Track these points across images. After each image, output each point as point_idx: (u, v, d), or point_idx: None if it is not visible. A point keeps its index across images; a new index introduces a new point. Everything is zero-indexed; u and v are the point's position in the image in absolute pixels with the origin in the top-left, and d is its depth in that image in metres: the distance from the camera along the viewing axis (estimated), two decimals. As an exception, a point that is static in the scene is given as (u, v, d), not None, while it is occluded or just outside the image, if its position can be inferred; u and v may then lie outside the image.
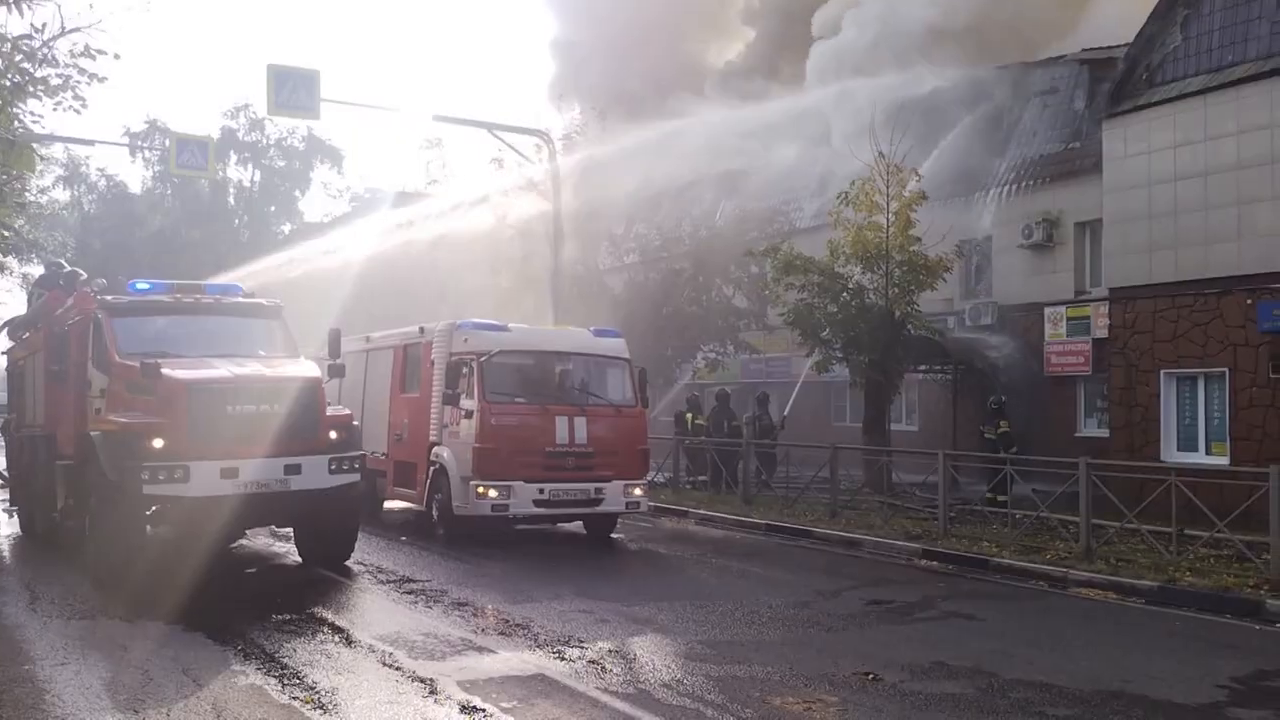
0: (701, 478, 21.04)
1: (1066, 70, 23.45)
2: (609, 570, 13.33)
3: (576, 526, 15.78)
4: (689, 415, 22.54)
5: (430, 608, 10.24)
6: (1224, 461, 16.88)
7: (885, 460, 18.69)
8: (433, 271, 29.07)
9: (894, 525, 15.63)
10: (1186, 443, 18.01)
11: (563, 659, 8.26)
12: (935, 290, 20.72)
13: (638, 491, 15.04)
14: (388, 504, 17.28)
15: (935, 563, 13.47)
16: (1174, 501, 12.35)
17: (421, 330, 16.11)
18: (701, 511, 18.15)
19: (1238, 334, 17.03)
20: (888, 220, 19.40)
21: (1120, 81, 18.99)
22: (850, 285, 20.05)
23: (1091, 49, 22.55)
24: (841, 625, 9.76)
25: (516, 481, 14.03)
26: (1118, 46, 20.16)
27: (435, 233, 28.36)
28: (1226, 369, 17.20)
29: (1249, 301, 16.83)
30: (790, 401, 25.42)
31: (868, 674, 7.84)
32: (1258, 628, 9.92)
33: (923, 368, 24.40)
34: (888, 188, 19.30)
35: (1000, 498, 16.19)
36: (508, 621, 9.60)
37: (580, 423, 14.49)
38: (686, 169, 24.19)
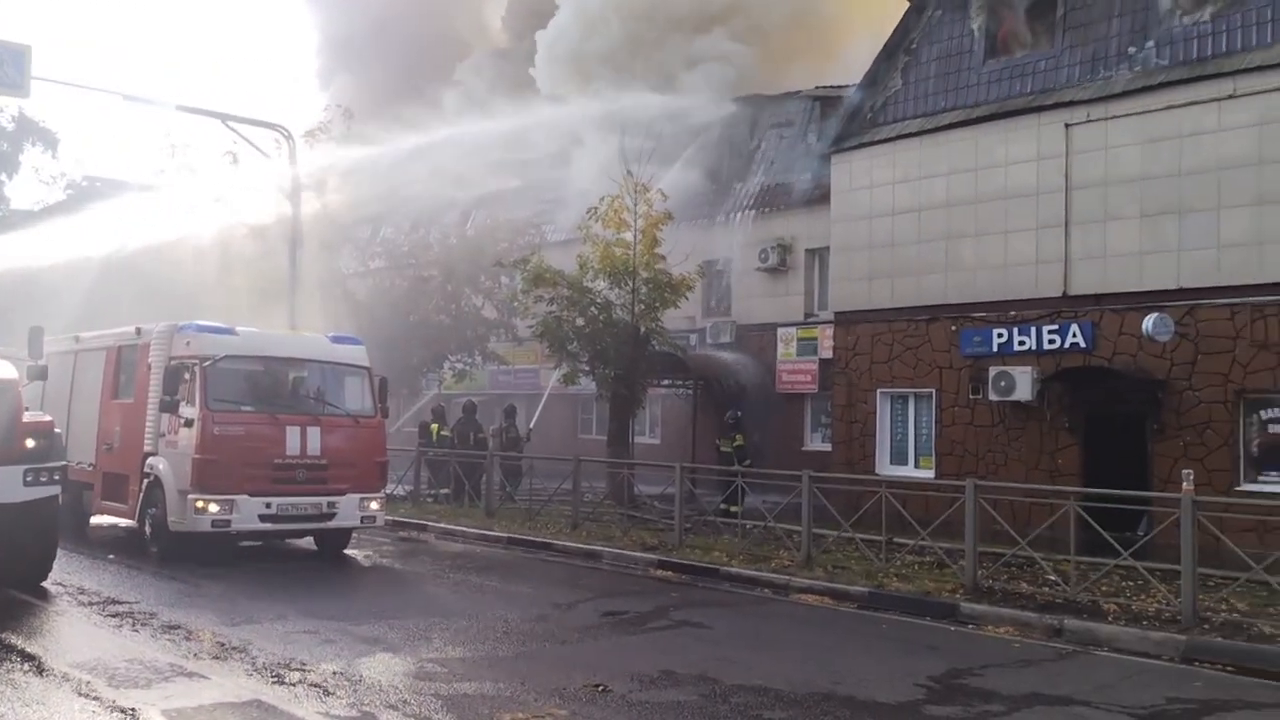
0: (444, 491, 20.68)
1: (801, 105, 24.91)
2: (339, 588, 12.81)
3: (308, 542, 15.11)
4: (434, 426, 22.14)
5: (137, 631, 9.47)
6: (930, 475, 18.35)
7: (627, 473, 19.07)
8: (177, 270, 26.97)
9: (633, 537, 15.94)
10: (898, 457, 19.43)
11: (282, 683, 7.84)
12: (679, 308, 21.41)
13: (374, 505, 14.58)
14: (95, 519, 15.90)
15: (670, 573, 13.82)
16: (884, 512, 13.26)
17: (138, 331, 14.94)
18: (442, 525, 17.83)
19: (944, 358, 18.56)
20: (635, 238, 19.87)
21: (847, 119, 20.34)
22: (598, 300, 20.37)
23: (824, 87, 24.06)
24: (576, 638, 9.82)
25: (240, 495, 13.26)
26: (846, 86, 21.59)
27: (167, 229, 26.39)
28: (934, 389, 18.71)
29: (953, 328, 18.40)
30: (537, 413, 25.52)
31: (598, 685, 7.90)
32: (953, 629, 10.78)
33: (666, 382, 25.14)
34: (635, 206, 19.78)
35: (733, 509, 16.87)
36: (224, 645, 9.01)
37: (314, 433, 13.88)
38: (435, 179, 23.81)
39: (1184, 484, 11.88)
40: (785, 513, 14.94)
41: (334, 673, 8.17)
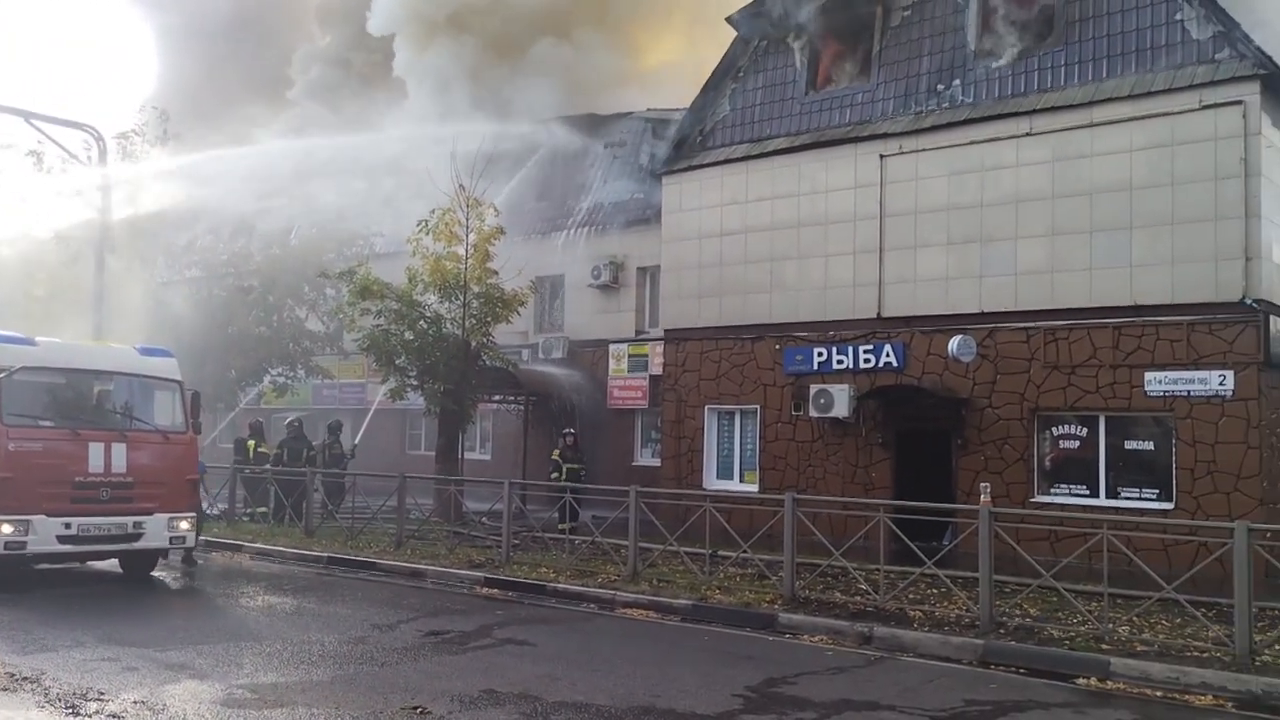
0: (262, 510, 19.91)
1: (634, 125, 25.30)
2: (144, 613, 12.15)
3: (114, 564, 14.29)
4: (251, 442, 21.27)
5: (-89, 666, 8.75)
6: (754, 489, 18.89)
7: (454, 489, 18.84)
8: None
9: (459, 554, 15.77)
10: (725, 472, 19.92)
11: (78, 714, 7.39)
12: (510, 323, 21.37)
13: (184, 525, 13.94)
14: None
15: (497, 590, 13.74)
16: (708, 525, 13.57)
17: (-76, 341, 13.82)
18: (258, 546, 17.18)
19: (768, 375, 19.16)
20: (466, 252, 19.72)
21: (678, 142, 20.81)
22: (428, 314, 20.11)
23: (656, 109, 24.52)
24: (396, 659, 9.63)
25: (37, 515, 12.45)
26: (678, 110, 22.07)
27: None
28: (759, 406, 19.28)
29: (777, 347, 19.03)
30: (362, 429, 24.93)
31: (416, 708, 7.78)
32: (772, 639, 11.12)
33: (497, 398, 24.99)
34: (468, 220, 19.64)
35: (567, 524, 16.89)
36: (13, 675, 8.42)
37: (119, 450, 13.18)
38: (257, 187, 23.02)
39: (982, 496, 12.65)
40: (613, 527, 15.08)
41: (135, 702, 7.76)
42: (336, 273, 21.77)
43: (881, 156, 17.92)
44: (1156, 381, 15.24)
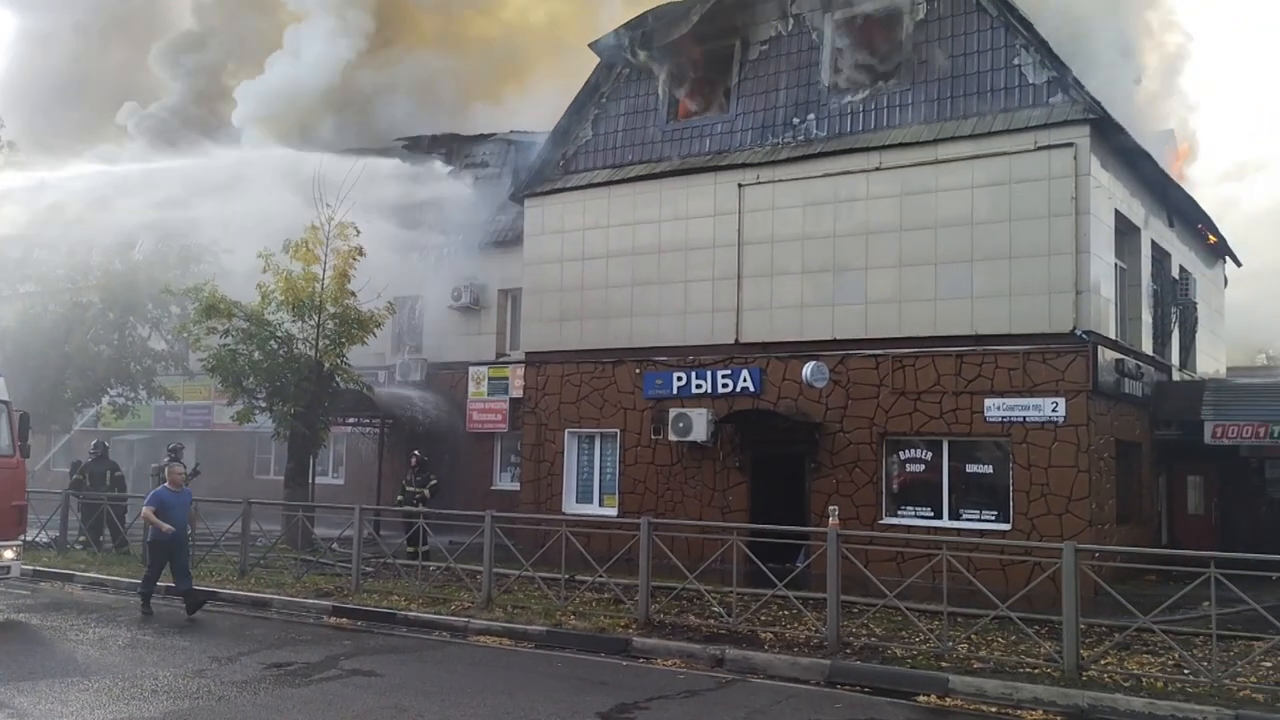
0: (83, 538, 18.82)
1: (496, 147, 25.19)
2: (-41, 649, 11.32)
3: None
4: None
5: None
6: (614, 513, 18.91)
7: (302, 515, 18.23)
8: None
9: (306, 583, 15.25)
10: (584, 495, 19.90)
11: None
12: (366, 344, 20.85)
13: (9, 554, 13.11)
14: None
15: (345, 620, 13.32)
16: (565, 550, 13.48)
17: None
18: (92, 575, 16.26)
19: (628, 399, 19.26)
20: (324, 271, 19.20)
21: (540, 165, 20.82)
22: (279, 333, 19.46)
23: (519, 131, 24.47)
24: (235, 693, 9.22)
25: None
26: (541, 133, 22.08)
27: None
28: (619, 430, 19.34)
29: (637, 371, 19.15)
30: (194, 458, 23.90)
31: (253, 744, 7.46)
32: (625, 663, 11.10)
33: (351, 420, 24.37)
34: (327, 240, 19.14)
35: (412, 549, 16.52)
36: None
37: (-64, 474, 12.29)
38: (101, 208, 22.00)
39: (830, 519, 12.96)
40: (469, 553, 14.83)
41: (-62, 749, 7.21)
42: (182, 290, 20.88)
43: (740, 186, 18.31)
44: (995, 408, 15.96)
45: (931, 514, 16.50)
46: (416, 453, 19.44)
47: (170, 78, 32.20)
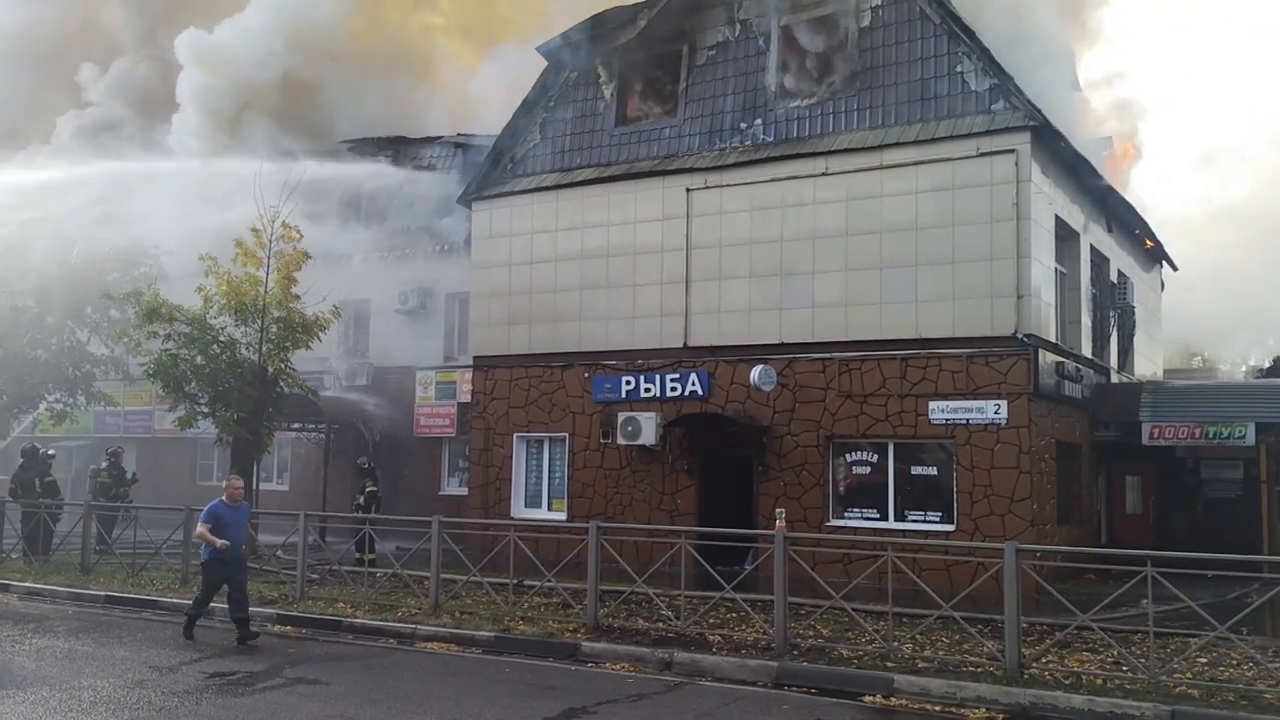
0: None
1: (443, 150, 25.04)
2: (-113, 664, 10.99)
3: None
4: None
5: None
6: (563, 517, 18.86)
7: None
8: None
9: (251, 590, 14.97)
10: (533, 500, 19.83)
11: None
12: (310, 349, 20.57)
13: (-62, 565, 12.72)
14: None
15: (290, 627, 13.15)
16: (513, 555, 13.42)
17: None
18: (28, 584, 15.91)
19: (577, 403, 19.22)
20: (267, 275, 18.93)
21: (488, 168, 20.71)
22: (222, 338, 19.15)
23: (466, 134, 24.35)
24: (176, 704, 9.05)
25: None
26: (488, 136, 21.98)
27: None
28: (567, 434, 19.30)
29: (586, 375, 19.13)
30: (134, 464, 23.47)
31: (193, 756, 7.33)
32: (574, 668, 11.07)
33: (296, 426, 24.05)
34: (270, 244, 18.87)
35: (366, 556, 16.37)
36: None
37: None
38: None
39: (777, 521, 13.04)
40: (416, 559, 14.71)
41: None
42: (122, 294, 20.47)
43: (688, 190, 18.37)
44: (939, 410, 16.17)
45: (877, 516, 16.67)
46: (361, 459, 19.26)
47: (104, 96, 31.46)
